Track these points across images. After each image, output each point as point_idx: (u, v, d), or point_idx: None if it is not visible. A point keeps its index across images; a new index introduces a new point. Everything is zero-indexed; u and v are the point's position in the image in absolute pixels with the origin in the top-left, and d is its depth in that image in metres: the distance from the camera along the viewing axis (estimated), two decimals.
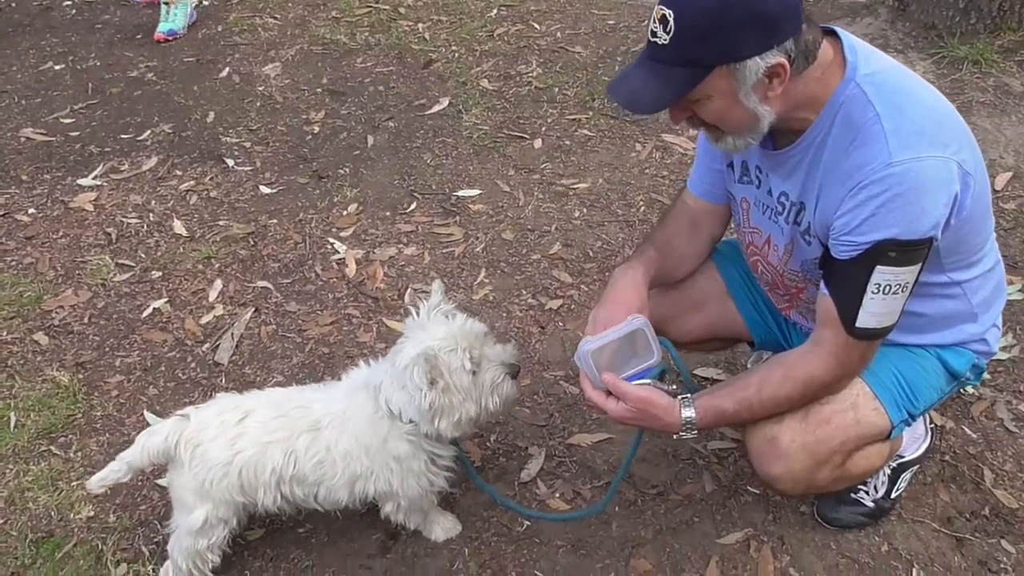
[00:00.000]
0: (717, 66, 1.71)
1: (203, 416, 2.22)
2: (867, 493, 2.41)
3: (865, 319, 1.83)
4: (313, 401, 2.27)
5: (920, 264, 1.79)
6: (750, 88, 1.73)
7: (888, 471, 2.41)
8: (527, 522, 2.50)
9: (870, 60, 1.81)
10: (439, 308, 2.23)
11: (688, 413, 1.99)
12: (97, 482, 2.22)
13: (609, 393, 2.00)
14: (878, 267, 1.76)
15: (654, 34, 1.74)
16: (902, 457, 2.43)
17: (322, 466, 2.20)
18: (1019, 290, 3.14)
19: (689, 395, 2.02)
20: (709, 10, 1.66)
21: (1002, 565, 2.33)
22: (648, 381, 2.02)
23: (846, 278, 1.83)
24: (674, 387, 2.06)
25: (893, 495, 2.43)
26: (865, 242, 1.76)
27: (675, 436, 2.04)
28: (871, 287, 1.78)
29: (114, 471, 2.22)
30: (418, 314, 2.23)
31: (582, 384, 2.05)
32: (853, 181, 1.76)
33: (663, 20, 1.70)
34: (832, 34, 1.86)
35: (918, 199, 1.71)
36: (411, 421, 2.17)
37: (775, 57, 1.69)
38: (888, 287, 1.78)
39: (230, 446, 2.17)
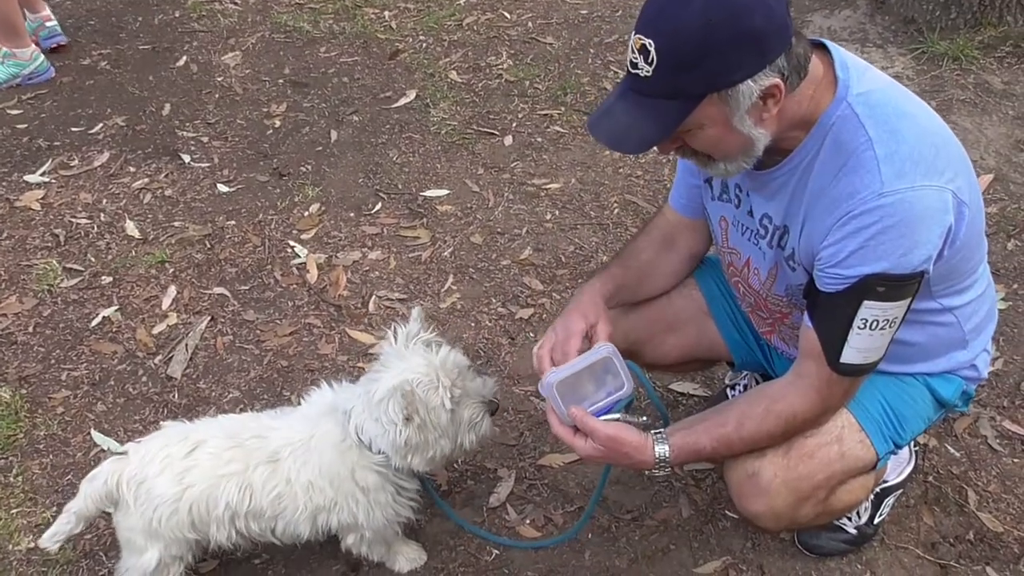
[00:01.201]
0: (707, 94, 1.57)
1: (146, 450, 2.07)
2: (849, 519, 2.32)
3: (850, 355, 1.72)
4: (271, 429, 2.13)
5: (910, 299, 1.68)
6: (744, 113, 1.60)
7: (871, 496, 2.32)
8: (495, 551, 2.38)
9: (863, 78, 1.68)
10: (418, 337, 2.10)
11: (662, 451, 1.86)
12: (49, 538, 2.08)
13: (577, 429, 1.87)
14: (865, 302, 1.65)
15: (634, 65, 1.59)
16: (886, 482, 2.34)
17: (281, 500, 2.07)
18: (1001, 299, 3.05)
19: (662, 430, 1.89)
20: (693, 35, 1.51)
21: None
22: (617, 416, 1.90)
23: (831, 312, 1.71)
24: (645, 419, 1.94)
25: (876, 521, 2.34)
26: (852, 276, 1.64)
27: (647, 473, 1.93)
28: (857, 322, 1.67)
29: (64, 524, 2.08)
30: (395, 340, 2.10)
31: (548, 418, 1.92)
32: (842, 210, 1.64)
33: (643, 50, 1.56)
34: (821, 47, 1.73)
35: (911, 232, 1.60)
36: (381, 452, 2.04)
37: (768, 78, 1.56)
38: (875, 323, 1.67)
39: (178, 481, 2.03)
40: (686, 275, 2.29)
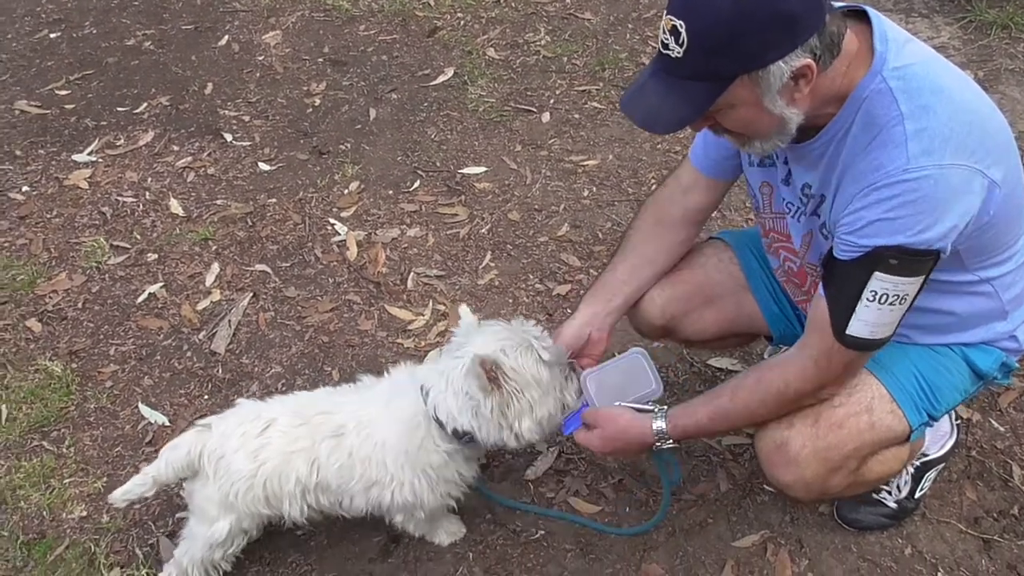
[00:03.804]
0: (738, 76, 1.57)
1: (225, 425, 2.12)
2: (889, 493, 2.31)
3: (857, 327, 1.70)
4: (340, 405, 2.15)
5: (923, 277, 1.66)
6: (775, 93, 1.59)
7: (911, 470, 2.31)
8: (541, 531, 2.39)
9: (903, 51, 1.65)
10: (480, 325, 2.10)
11: (659, 425, 1.94)
12: (120, 495, 2.13)
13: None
14: (876, 273, 1.64)
15: (665, 46, 1.59)
16: (926, 456, 2.32)
17: (343, 472, 2.09)
18: None
19: (664, 407, 1.97)
20: (725, 18, 1.50)
21: None
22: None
23: (842, 280, 1.70)
24: (651, 405, 2.03)
25: (917, 495, 2.33)
26: (867, 245, 1.64)
27: (654, 448, 2.00)
28: (867, 293, 1.66)
29: (138, 485, 2.13)
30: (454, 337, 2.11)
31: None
32: (866, 181, 1.63)
33: (674, 31, 1.55)
34: (862, 15, 1.70)
35: (931, 209, 1.58)
36: (463, 431, 2.01)
37: (800, 59, 1.55)
38: (885, 296, 1.66)
39: (253, 457, 2.07)
40: (691, 235, 2.27)
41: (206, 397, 2.83)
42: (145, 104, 4.28)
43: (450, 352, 2.05)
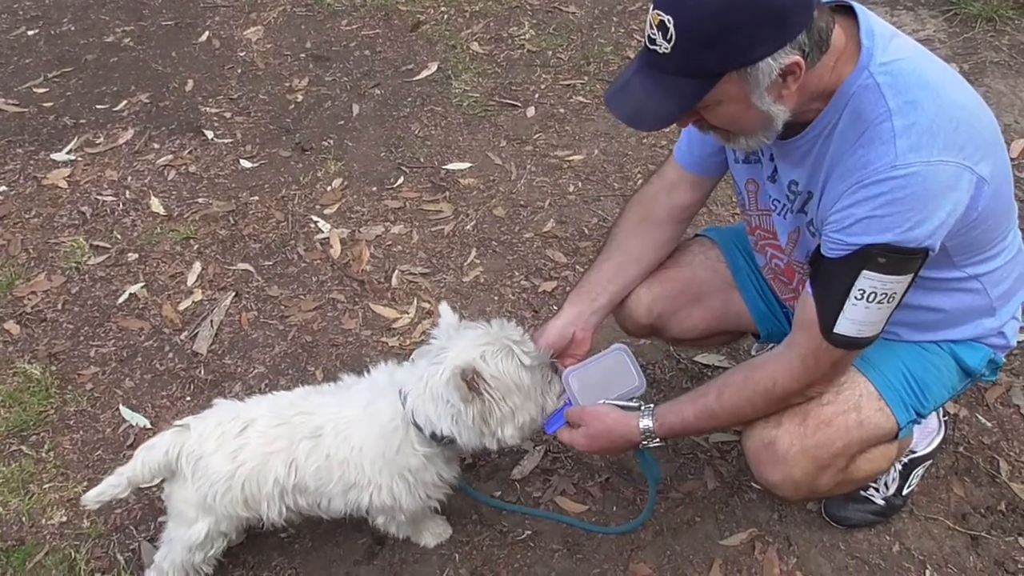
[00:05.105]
0: (726, 73, 1.54)
1: (204, 426, 2.08)
2: (877, 491, 2.30)
3: (845, 326, 1.69)
4: (319, 406, 2.11)
5: (912, 275, 1.65)
6: (764, 90, 1.57)
7: (899, 467, 2.30)
8: (528, 531, 2.37)
9: (889, 46, 1.63)
10: (460, 326, 2.05)
11: (646, 424, 1.93)
12: (94, 497, 2.08)
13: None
14: (865, 272, 1.62)
15: (652, 41, 1.56)
16: (914, 453, 2.32)
17: (320, 474, 2.05)
18: None
19: (650, 405, 1.96)
20: (713, 13, 1.48)
21: (1020, 565, 2.24)
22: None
23: (830, 278, 1.69)
24: (634, 401, 2.03)
25: (905, 492, 2.32)
26: (855, 243, 1.62)
27: (640, 446, 1.99)
28: (855, 292, 1.65)
29: (112, 486, 2.08)
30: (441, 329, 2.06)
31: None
32: (854, 179, 1.61)
33: (661, 26, 1.53)
34: (848, 11, 1.69)
35: (920, 206, 1.57)
36: (442, 435, 1.97)
37: (789, 55, 1.53)
38: (873, 295, 1.64)
39: (232, 459, 2.03)
40: (677, 233, 2.25)
41: (188, 398, 2.79)
42: (125, 102, 4.23)
43: (429, 355, 2.01)
